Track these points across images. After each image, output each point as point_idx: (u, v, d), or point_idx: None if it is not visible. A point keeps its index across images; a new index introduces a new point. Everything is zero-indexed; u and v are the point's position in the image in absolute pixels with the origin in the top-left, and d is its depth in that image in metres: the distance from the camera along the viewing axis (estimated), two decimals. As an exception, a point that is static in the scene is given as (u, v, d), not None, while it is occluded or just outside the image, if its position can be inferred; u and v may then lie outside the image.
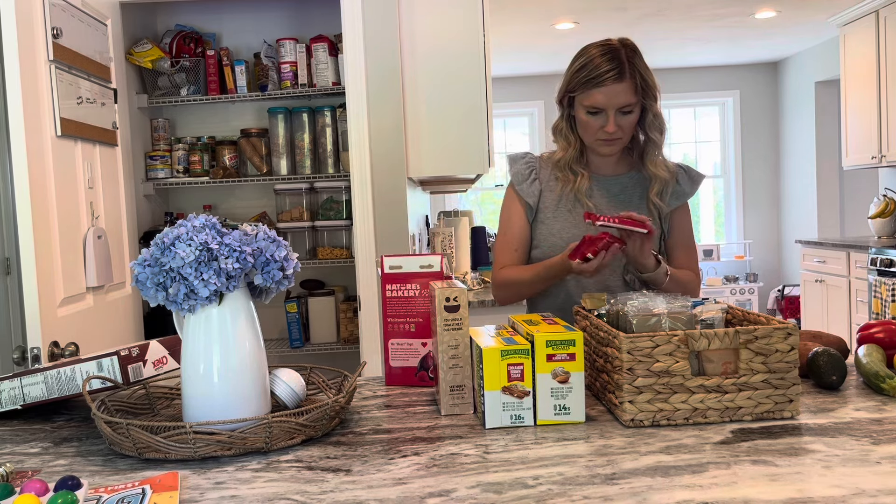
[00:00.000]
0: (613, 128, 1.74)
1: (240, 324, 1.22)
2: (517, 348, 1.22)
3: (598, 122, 1.76)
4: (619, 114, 1.74)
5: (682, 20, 5.98)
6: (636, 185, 1.87)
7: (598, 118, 1.76)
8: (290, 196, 3.35)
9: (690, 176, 1.89)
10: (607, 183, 1.87)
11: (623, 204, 1.85)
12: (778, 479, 0.97)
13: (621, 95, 1.72)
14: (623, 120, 1.75)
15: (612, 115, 1.74)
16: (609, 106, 1.73)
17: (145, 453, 1.14)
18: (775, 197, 8.09)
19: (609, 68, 1.72)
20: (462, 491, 0.97)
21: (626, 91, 1.72)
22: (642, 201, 1.86)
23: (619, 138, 1.78)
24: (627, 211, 1.68)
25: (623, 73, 1.71)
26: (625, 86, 1.72)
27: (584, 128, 1.80)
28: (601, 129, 1.76)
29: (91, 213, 2.32)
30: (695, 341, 1.20)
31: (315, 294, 3.39)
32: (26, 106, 1.95)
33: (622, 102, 1.73)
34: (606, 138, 1.77)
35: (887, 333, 1.49)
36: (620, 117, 1.75)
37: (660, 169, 1.83)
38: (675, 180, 1.86)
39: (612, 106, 1.73)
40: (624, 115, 1.75)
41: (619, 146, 1.82)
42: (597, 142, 1.80)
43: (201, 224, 1.20)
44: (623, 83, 1.72)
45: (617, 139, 1.78)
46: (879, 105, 5.15)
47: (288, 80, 3.24)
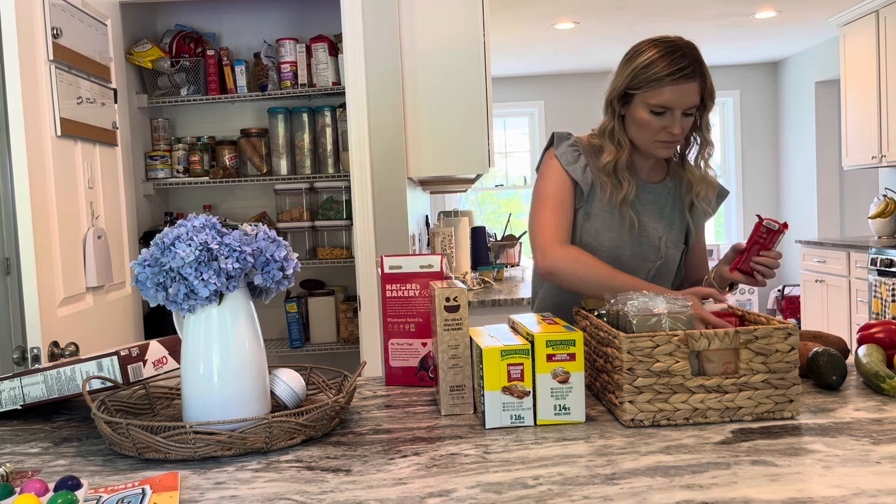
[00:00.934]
0: (679, 129, 1.67)
1: (240, 324, 1.22)
2: (517, 348, 1.22)
3: (661, 123, 1.67)
4: (682, 115, 1.67)
5: (683, 20, 5.97)
6: (669, 195, 1.82)
7: (663, 119, 1.67)
8: (290, 196, 3.35)
9: (720, 193, 1.87)
10: (643, 189, 1.80)
11: (655, 214, 1.80)
12: (778, 479, 0.97)
13: (690, 95, 1.65)
14: (685, 122, 1.69)
15: (679, 115, 1.67)
16: (677, 105, 1.65)
17: (145, 453, 1.14)
18: (775, 197, 8.09)
19: (682, 66, 1.64)
20: (462, 491, 0.97)
21: (694, 91, 1.65)
22: (674, 211, 1.82)
23: (677, 141, 1.72)
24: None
25: (695, 73, 1.65)
26: (694, 86, 1.65)
27: (644, 128, 1.70)
28: (664, 130, 1.68)
29: (91, 213, 2.32)
30: (695, 341, 1.20)
31: (315, 294, 3.39)
32: (26, 106, 1.95)
33: (690, 103, 1.66)
34: (668, 140, 1.70)
35: (887, 333, 1.49)
36: (683, 119, 1.68)
37: (709, 174, 1.80)
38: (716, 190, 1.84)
39: (679, 105, 1.65)
40: (685, 117, 1.68)
41: (673, 149, 1.76)
42: (655, 143, 1.71)
43: (201, 224, 1.20)
44: (694, 83, 1.65)
45: (676, 142, 1.72)
46: (879, 105, 5.15)
47: (288, 80, 3.24)
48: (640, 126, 1.70)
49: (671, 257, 1.82)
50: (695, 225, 1.86)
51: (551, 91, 7.95)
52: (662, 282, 1.81)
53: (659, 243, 1.80)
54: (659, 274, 1.81)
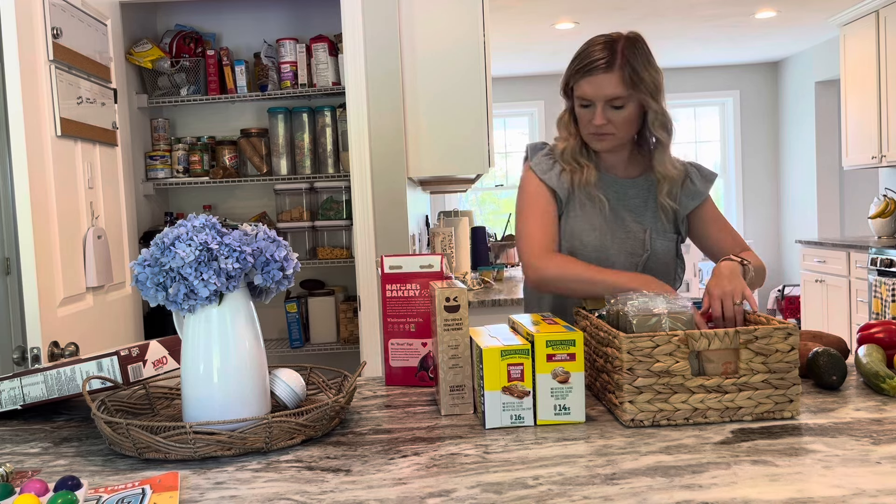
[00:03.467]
0: (600, 120, 1.68)
1: (240, 324, 1.22)
2: (517, 348, 1.22)
3: (588, 115, 1.71)
4: (610, 108, 1.68)
5: (682, 20, 5.98)
6: (651, 188, 1.81)
7: (588, 111, 1.70)
8: (290, 196, 3.35)
9: (703, 174, 1.85)
10: (622, 185, 1.81)
11: (638, 209, 1.80)
12: (778, 479, 0.97)
13: (608, 87, 1.65)
14: (614, 114, 1.68)
15: (601, 107, 1.67)
16: (596, 98, 1.67)
17: (145, 453, 1.14)
18: (775, 197, 8.09)
19: (598, 58, 1.66)
20: (462, 491, 0.97)
21: (613, 83, 1.65)
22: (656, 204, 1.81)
23: (611, 133, 1.71)
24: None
25: (612, 64, 1.65)
26: (613, 77, 1.65)
27: (579, 120, 1.75)
28: (590, 122, 1.71)
29: (91, 213, 2.32)
30: (695, 341, 1.20)
31: (315, 294, 3.39)
32: (26, 106, 1.95)
33: (609, 94, 1.66)
34: (594, 132, 1.72)
35: (887, 333, 1.49)
36: (611, 111, 1.68)
37: (668, 168, 1.76)
38: (689, 179, 1.81)
39: (599, 98, 1.67)
40: (615, 110, 1.68)
41: (612, 142, 1.74)
42: (589, 136, 1.74)
43: (201, 224, 1.20)
44: (611, 74, 1.65)
45: (607, 134, 1.71)
46: (879, 105, 5.15)
47: (288, 80, 3.23)
48: (577, 118, 1.76)
49: (661, 249, 1.81)
50: (680, 215, 1.83)
51: (551, 91, 7.87)
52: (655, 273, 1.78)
53: (644, 236, 1.79)
54: (648, 268, 1.80)
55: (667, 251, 1.82)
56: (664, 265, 1.83)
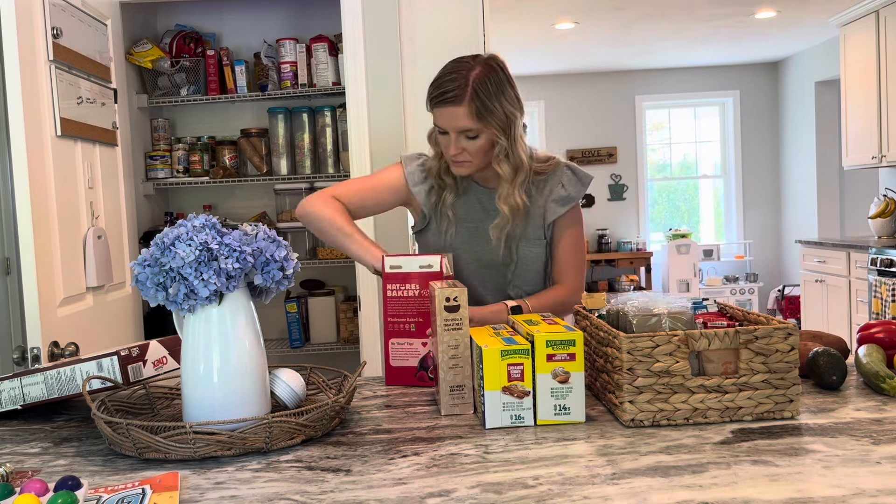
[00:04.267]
0: (454, 150, 1.68)
1: (240, 324, 1.22)
2: (517, 348, 1.22)
3: (445, 141, 1.71)
4: (464, 138, 1.67)
5: (682, 20, 5.98)
6: None
7: (445, 138, 1.70)
8: (290, 196, 3.35)
9: (578, 177, 1.81)
10: (491, 195, 1.79)
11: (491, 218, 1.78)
12: (778, 479, 0.97)
13: (458, 119, 1.65)
14: (468, 144, 1.68)
15: (453, 136, 1.67)
16: (449, 128, 1.67)
17: (145, 453, 1.14)
18: (775, 197, 8.09)
19: (445, 90, 1.65)
20: (462, 491, 0.97)
21: (460, 116, 1.64)
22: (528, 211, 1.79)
23: (468, 161, 1.71)
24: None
25: (459, 97, 1.63)
26: (462, 110, 1.64)
27: (440, 144, 1.74)
28: (447, 149, 1.71)
29: (91, 213, 2.32)
30: (695, 341, 1.20)
31: (315, 294, 3.39)
32: (26, 106, 1.95)
33: (459, 126, 1.65)
34: (451, 159, 1.72)
35: (887, 333, 1.49)
36: (465, 141, 1.68)
37: (503, 203, 1.73)
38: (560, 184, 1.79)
39: (450, 128, 1.67)
40: (469, 140, 1.67)
41: (468, 168, 1.73)
42: (448, 159, 1.73)
43: (201, 224, 1.20)
44: (460, 107, 1.64)
45: (464, 161, 1.71)
46: (879, 105, 5.15)
47: (288, 80, 3.24)
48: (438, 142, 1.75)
49: (529, 255, 1.80)
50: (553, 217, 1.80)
51: (551, 91, 7.95)
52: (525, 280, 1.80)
53: (511, 244, 1.79)
54: (518, 276, 1.80)
55: (536, 258, 1.81)
56: (535, 272, 1.82)
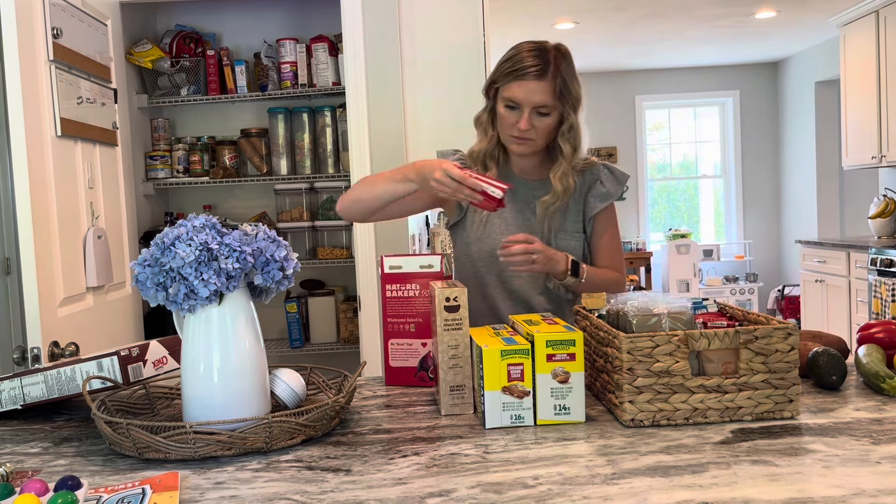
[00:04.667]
0: (526, 125, 1.71)
1: (240, 324, 1.22)
2: (517, 348, 1.22)
3: (513, 118, 1.73)
4: (536, 114, 1.71)
5: (682, 20, 5.97)
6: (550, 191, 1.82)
7: (514, 113, 1.72)
8: (290, 196, 3.35)
9: (615, 177, 1.86)
10: (531, 187, 1.82)
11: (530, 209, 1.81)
12: (778, 479, 0.97)
13: (539, 94, 1.69)
14: (539, 121, 1.72)
15: (528, 112, 1.70)
16: (525, 102, 1.70)
17: (145, 453, 1.14)
18: (775, 197, 8.09)
19: (532, 64, 1.69)
20: (462, 491, 0.97)
21: (544, 91, 1.69)
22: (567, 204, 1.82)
23: (532, 139, 1.74)
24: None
25: (545, 73, 1.69)
26: (544, 85, 1.69)
27: (501, 121, 1.76)
28: (514, 126, 1.73)
29: (91, 213, 2.32)
30: (695, 341, 1.20)
31: (315, 294, 3.39)
32: (26, 106, 1.95)
33: (538, 101, 1.69)
34: (518, 136, 1.74)
35: (887, 333, 1.49)
36: (536, 118, 1.71)
37: (558, 181, 1.77)
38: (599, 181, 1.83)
39: (528, 103, 1.70)
40: (540, 117, 1.72)
41: (530, 147, 1.77)
42: (509, 138, 1.76)
43: (201, 224, 1.20)
44: (543, 82, 1.69)
45: (528, 139, 1.74)
46: (879, 105, 5.15)
47: (288, 80, 3.24)
48: (498, 119, 1.77)
49: (567, 248, 1.81)
50: (593, 212, 1.84)
51: (551, 91, 7.94)
52: None
53: (549, 236, 1.80)
54: None
55: (572, 250, 1.82)
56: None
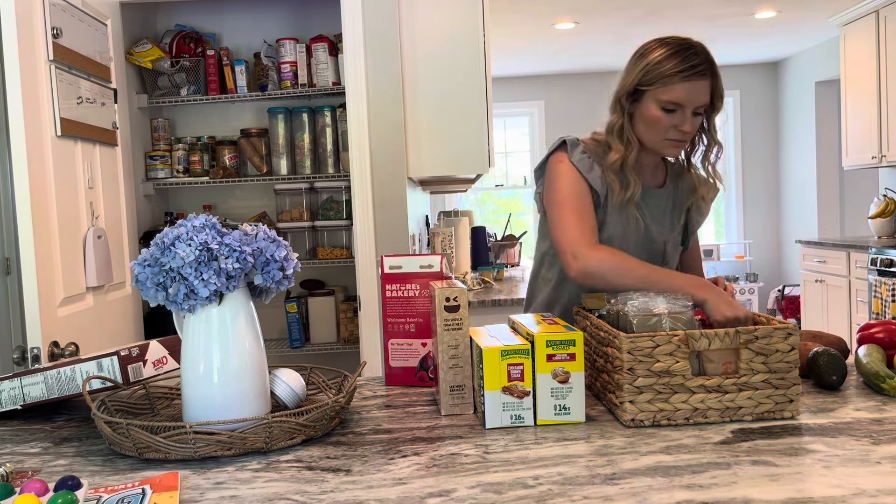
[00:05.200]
0: (690, 127, 1.65)
1: (240, 324, 1.22)
2: (517, 348, 1.22)
3: (671, 120, 1.65)
4: (692, 114, 1.66)
5: (682, 20, 5.97)
6: (669, 197, 1.81)
7: (674, 116, 1.64)
8: (290, 196, 3.35)
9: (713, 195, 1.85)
10: (647, 192, 1.77)
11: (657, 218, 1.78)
12: (778, 479, 0.97)
13: (702, 93, 1.64)
14: (695, 121, 1.67)
15: (689, 112, 1.64)
16: (689, 103, 1.63)
17: (145, 453, 1.14)
18: (775, 197, 8.09)
19: (695, 63, 1.62)
20: (462, 491, 0.97)
21: (706, 90, 1.64)
22: (674, 214, 1.81)
23: (687, 140, 1.70)
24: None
25: (707, 71, 1.63)
26: (706, 84, 1.64)
27: (654, 125, 1.66)
28: (674, 128, 1.65)
29: (91, 213, 2.32)
30: (695, 341, 1.20)
31: (315, 294, 3.38)
32: (26, 106, 1.95)
33: (701, 101, 1.64)
34: (678, 138, 1.67)
35: (887, 333, 1.49)
36: (693, 118, 1.66)
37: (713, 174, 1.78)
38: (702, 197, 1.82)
39: (691, 103, 1.63)
40: (695, 116, 1.66)
41: (681, 148, 1.73)
42: (665, 141, 1.68)
43: (201, 224, 1.20)
44: (706, 81, 1.64)
45: (685, 140, 1.69)
46: (879, 105, 5.15)
47: (288, 80, 3.23)
48: (649, 123, 1.67)
49: (672, 260, 1.83)
50: (691, 228, 1.87)
51: (551, 91, 7.95)
52: None
53: (664, 247, 1.79)
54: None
55: (674, 263, 1.84)
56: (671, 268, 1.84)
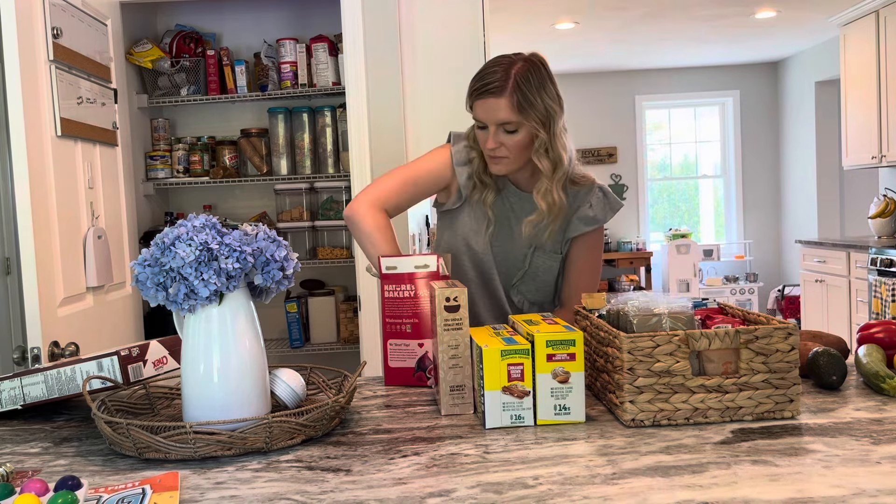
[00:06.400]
0: (492, 143, 1.67)
1: (240, 324, 1.22)
2: (517, 348, 1.22)
3: (483, 136, 1.70)
4: (503, 132, 1.66)
5: (682, 20, 5.98)
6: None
7: (483, 132, 1.69)
8: (290, 196, 3.35)
9: (609, 202, 1.80)
10: (520, 198, 1.79)
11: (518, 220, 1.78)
12: (778, 479, 0.97)
13: (498, 112, 1.64)
14: (507, 138, 1.66)
15: (493, 130, 1.66)
16: (488, 121, 1.66)
17: (145, 453, 1.14)
18: (775, 197, 8.09)
19: (487, 81, 1.64)
20: (462, 491, 0.97)
21: (500, 107, 1.63)
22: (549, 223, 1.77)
23: (504, 157, 1.69)
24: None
25: (501, 89, 1.63)
26: (503, 102, 1.63)
27: (477, 139, 1.74)
28: (485, 144, 1.70)
29: (91, 213, 2.32)
30: (695, 341, 1.20)
31: (315, 294, 3.39)
32: (26, 106, 1.95)
33: (500, 119, 1.64)
34: (489, 154, 1.71)
35: (887, 333, 1.49)
36: (504, 135, 1.66)
37: (541, 199, 1.71)
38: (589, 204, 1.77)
39: (489, 120, 1.66)
40: (508, 134, 1.66)
41: (506, 166, 1.71)
42: (487, 156, 1.73)
43: (201, 224, 1.20)
44: (501, 99, 1.63)
45: (501, 157, 1.70)
46: (879, 105, 5.15)
47: (288, 80, 3.24)
48: (476, 138, 1.75)
49: (541, 266, 1.80)
50: (573, 234, 1.80)
51: (551, 91, 7.94)
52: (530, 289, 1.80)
53: (527, 251, 1.80)
54: (526, 281, 1.81)
55: (547, 269, 1.81)
56: (543, 283, 1.83)
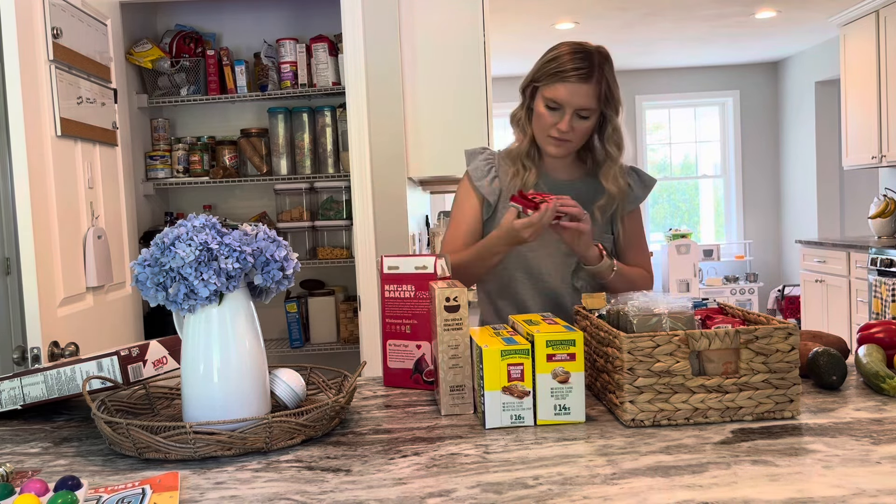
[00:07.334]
0: (566, 126, 1.72)
1: (240, 324, 1.22)
2: (517, 348, 1.22)
3: (553, 118, 1.74)
4: (577, 116, 1.72)
5: (683, 20, 5.98)
6: (589, 191, 1.84)
7: (555, 114, 1.73)
8: (290, 196, 3.35)
9: (643, 181, 1.89)
10: (561, 187, 1.83)
11: None
12: (778, 479, 0.97)
13: (583, 97, 1.70)
14: (578, 123, 1.73)
15: (570, 114, 1.72)
16: (568, 104, 1.71)
17: (145, 453, 1.14)
18: (775, 197, 8.09)
19: (578, 66, 1.70)
20: (462, 491, 0.97)
21: (588, 94, 1.70)
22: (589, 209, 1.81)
23: (570, 141, 1.76)
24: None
25: (590, 76, 1.70)
26: (588, 88, 1.70)
27: (539, 120, 1.77)
28: (554, 126, 1.74)
29: (91, 213, 2.32)
30: (695, 341, 1.20)
31: (315, 294, 3.39)
32: (26, 106, 1.95)
33: (582, 104, 1.71)
34: (557, 136, 1.75)
35: (887, 333, 1.49)
36: (577, 120, 1.73)
37: (611, 184, 1.80)
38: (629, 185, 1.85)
39: (571, 105, 1.71)
40: (580, 119, 1.73)
41: (567, 149, 1.79)
42: (547, 139, 1.77)
43: (201, 224, 1.20)
44: (587, 85, 1.70)
45: (567, 141, 1.76)
46: (879, 105, 5.15)
47: (288, 80, 3.24)
48: (536, 118, 1.78)
49: None
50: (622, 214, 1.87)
51: (551, 91, 7.94)
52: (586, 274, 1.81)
53: None
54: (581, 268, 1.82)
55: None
56: None
